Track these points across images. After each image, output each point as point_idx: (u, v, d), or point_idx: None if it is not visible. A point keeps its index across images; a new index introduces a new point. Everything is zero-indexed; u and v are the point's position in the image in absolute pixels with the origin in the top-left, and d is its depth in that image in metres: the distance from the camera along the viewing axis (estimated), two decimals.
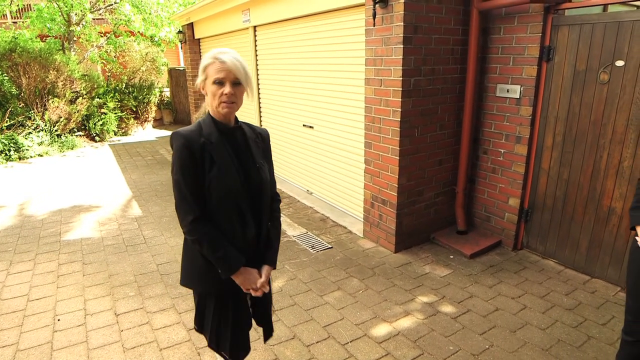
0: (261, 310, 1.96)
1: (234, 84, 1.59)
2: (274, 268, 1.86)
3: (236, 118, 1.72)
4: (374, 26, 3.74)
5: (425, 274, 3.66)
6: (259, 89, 6.73)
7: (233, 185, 1.62)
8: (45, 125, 8.85)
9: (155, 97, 12.06)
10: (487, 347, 2.73)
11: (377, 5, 3.59)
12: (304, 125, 5.58)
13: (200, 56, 9.27)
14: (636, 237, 1.98)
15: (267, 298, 1.93)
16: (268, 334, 2.02)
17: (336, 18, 4.56)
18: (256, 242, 1.76)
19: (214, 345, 1.86)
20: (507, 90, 3.83)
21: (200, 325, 1.88)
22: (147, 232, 4.62)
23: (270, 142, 1.88)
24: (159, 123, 12.68)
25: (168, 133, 11.34)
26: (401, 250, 4.09)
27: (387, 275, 3.64)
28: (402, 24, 3.45)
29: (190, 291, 3.36)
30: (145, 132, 11.53)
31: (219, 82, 1.57)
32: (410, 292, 3.39)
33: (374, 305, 3.21)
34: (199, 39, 9.11)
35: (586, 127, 3.41)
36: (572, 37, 3.36)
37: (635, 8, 4.38)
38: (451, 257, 3.96)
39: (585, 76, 3.35)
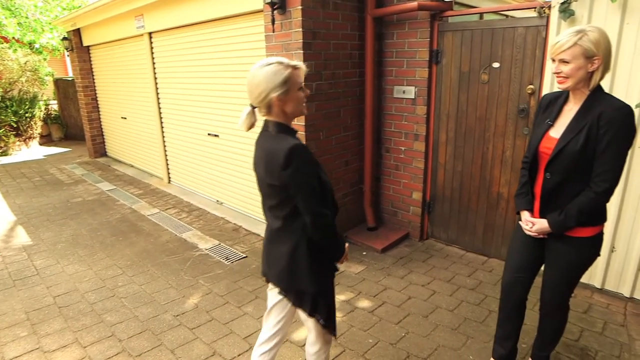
0: None
1: None
2: None
3: None
4: (273, 32, 3.75)
5: (341, 272, 3.75)
6: (158, 98, 6.39)
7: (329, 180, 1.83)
8: None
9: (41, 111, 10.84)
10: (403, 334, 2.88)
11: (275, 12, 3.62)
12: (208, 134, 5.42)
13: (91, 65, 8.56)
14: (519, 222, 2.21)
15: None
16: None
17: (236, 24, 4.50)
18: None
19: (333, 324, 1.94)
20: (403, 92, 4.09)
21: (328, 319, 1.90)
22: (39, 261, 4.14)
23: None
24: (46, 140, 11.44)
25: (59, 150, 10.28)
26: None
27: None
28: (300, 29, 3.51)
29: (98, 321, 3.10)
30: (31, 151, 10.33)
31: (301, 88, 1.70)
32: None
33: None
34: (88, 47, 8.40)
35: (473, 122, 3.76)
36: (456, 42, 3.69)
37: (505, 17, 4.93)
38: (364, 253, 4.11)
39: (469, 77, 3.69)
